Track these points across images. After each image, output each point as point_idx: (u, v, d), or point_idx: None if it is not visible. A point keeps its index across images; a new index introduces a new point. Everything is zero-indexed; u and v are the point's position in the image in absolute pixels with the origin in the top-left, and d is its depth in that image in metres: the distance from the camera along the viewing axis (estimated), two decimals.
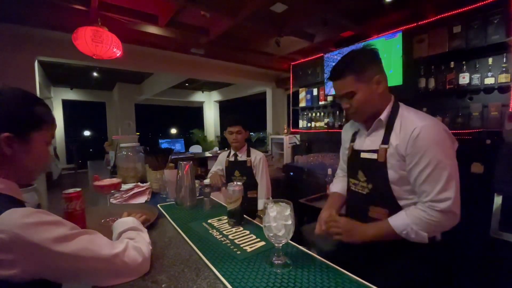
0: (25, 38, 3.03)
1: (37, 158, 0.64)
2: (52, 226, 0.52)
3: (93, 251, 0.56)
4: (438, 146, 0.83)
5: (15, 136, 0.58)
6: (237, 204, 0.97)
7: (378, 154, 0.92)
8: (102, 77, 5.99)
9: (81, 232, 0.57)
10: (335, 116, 3.50)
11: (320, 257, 0.77)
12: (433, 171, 0.81)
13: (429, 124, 0.84)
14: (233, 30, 3.00)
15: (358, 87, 0.91)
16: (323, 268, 0.71)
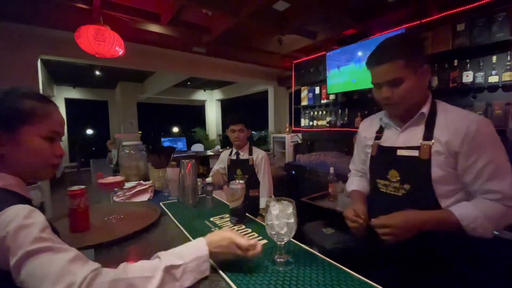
0: (28, 37, 3.04)
1: (33, 154, 0.61)
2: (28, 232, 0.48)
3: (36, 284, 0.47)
4: (496, 141, 0.79)
5: (2, 132, 0.57)
6: (239, 203, 0.97)
7: (421, 151, 0.84)
8: (104, 75, 6.02)
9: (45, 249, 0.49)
10: (337, 114, 3.49)
11: (322, 255, 0.77)
12: (498, 167, 0.77)
13: (483, 119, 0.80)
14: (235, 29, 2.99)
15: (407, 74, 0.81)
16: (325, 266, 0.71)
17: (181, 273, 0.58)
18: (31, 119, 0.61)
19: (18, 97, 0.60)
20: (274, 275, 0.66)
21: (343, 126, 3.41)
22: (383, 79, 0.85)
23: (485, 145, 0.78)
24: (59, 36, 3.08)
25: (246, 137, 2.02)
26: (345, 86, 3.23)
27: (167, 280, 0.56)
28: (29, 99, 0.61)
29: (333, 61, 3.32)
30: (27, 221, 0.50)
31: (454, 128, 0.81)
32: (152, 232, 0.95)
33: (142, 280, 0.53)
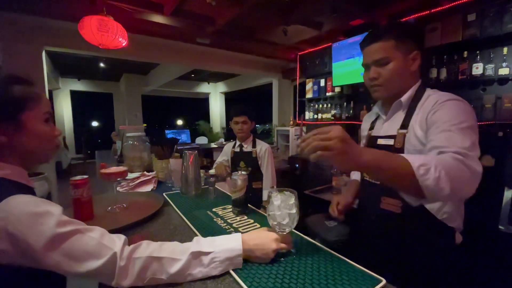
0: (32, 28, 3.04)
1: (37, 138, 0.61)
2: (45, 220, 0.49)
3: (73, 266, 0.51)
4: (464, 113, 0.72)
5: (4, 123, 0.56)
6: (241, 193, 0.97)
7: (395, 140, 0.84)
8: (108, 68, 6.02)
9: (73, 232, 0.52)
10: (342, 107, 3.44)
11: (323, 246, 0.77)
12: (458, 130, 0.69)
13: (457, 98, 0.77)
14: (240, 19, 2.95)
15: (395, 55, 0.83)
16: (327, 257, 0.70)
17: (209, 261, 0.60)
18: (28, 104, 0.60)
19: (7, 84, 0.59)
20: (275, 266, 0.66)
21: (348, 119, 3.37)
22: (372, 58, 0.87)
23: (448, 114, 0.73)
24: (63, 27, 3.08)
25: (249, 129, 2.01)
26: (351, 78, 3.17)
27: (193, 264, 0.59)
28: (17, 84, 0.60)
29: (339, 52, 3.26)
30: (39, 209, 0.50)
31: (425, 108, 0.81)
32: (155, 222, 0.96)
33: (170, 260, 0.57)
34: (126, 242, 0.58)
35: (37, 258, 0.49)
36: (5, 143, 0.57)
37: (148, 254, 0.56)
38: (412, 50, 0.85)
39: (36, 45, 3.17)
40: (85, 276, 0.52)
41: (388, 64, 0.84)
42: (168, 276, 0.57)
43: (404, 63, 0.84)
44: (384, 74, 0.85)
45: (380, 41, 0.85)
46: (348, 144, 0.59)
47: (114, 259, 0.52)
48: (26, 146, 0.60)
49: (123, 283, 0.54)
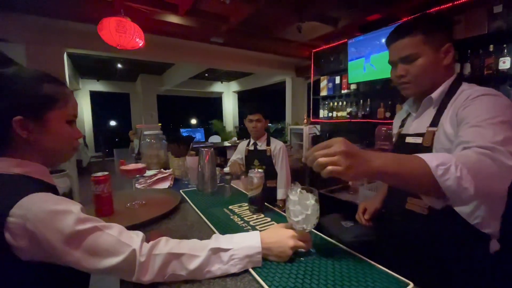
0: (54, 31, 3.17)
1: (58, 138, 0.61)
2: (65, 217, 0.50)
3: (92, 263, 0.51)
4: (499, 108, 0.65)
5: (28, 119, 0.56)
6: (258, 191, 0.96)
7: (424, 138, 0.79)
8: (125, 68, 6.19)
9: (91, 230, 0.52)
10: (358, 105, 3.36)
11: (346, 248, 0.74)
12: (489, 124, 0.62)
13: (492, 93, 0.69)
14: (253, 17, 2.93)
15: (424, 50, 0.77)
16: (350, 258, 0.68)
17: (228, 258, 0.59)
18: (56, 104, 0.60)
19: (39, 82, 0.59)
20: (295, 265, 0.64)
21: (364, 117, 3.28)
22: (399, 55, 0.82)
23: (481, 107, 0.67)
24: (83, 29, 3.18)
25: (263, 127, 2.00)
26: (367, 75, 3.09)
27: (212, 260, 0.59)
28: (48, 83, 0.60)
29: (355, 49, 3.18)
30: (58, 207, 0.51)
31: (457, 103, 0.74)
32: (173, 218, 0.97)
33: (189, 257, 0.57)
34: (144, 239, 0.58)
35: (57, 255, 0.49)
36: (27, 140, 0.57)
37: (167, 250, 0.56)
38: (443, 43, 0.78)
39: (58, 47, 3.30)
40: (105, 273, 0.52)
41: (417, 60, 0.79)
42: (187, 272, 0.57)
43: (434, 58, 0.78)
44: (412, 71, 0.80)
45: (407, 37, 0.79)
46: (353, 156, 0.53)
47: (133, 256, 0.53)
48: (46, 144, 0.60)
49: (143, 279, 0.54)
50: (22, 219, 0.47)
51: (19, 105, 0.56)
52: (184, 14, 2.81)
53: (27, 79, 0.58)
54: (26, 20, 2.92)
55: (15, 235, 0.47)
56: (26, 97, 0.57)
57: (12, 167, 0.55)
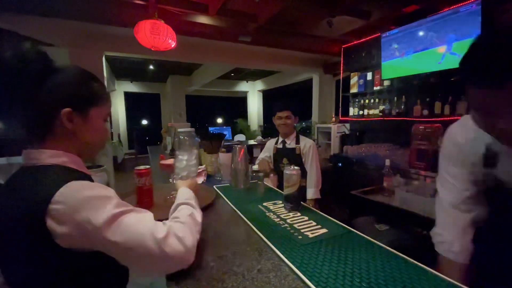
0: (94, 35, 3.40)
1: (96, 133, 0.65)
2: (104, 202, 0.52)
3: (138, 240, 0.51)
4: None
5: (75, 111, 0.60)
6: (294, 189, 0.94)
7: None
8: (157, 70, 6.47)
9: (128, 211, 0.54)
10: (392, 102, 3.18)
11: (388, 247, 0.69)
12: None
13: None
14: (282, 14, 2.90)
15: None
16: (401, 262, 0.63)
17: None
18: (98, 101, 0.65)
19: (88, 80, 0.64)
20: (341, 265, 0.61)
21: (399, 115, 3.10)
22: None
23: None
24: (119, 33, 3.38)
25: (293, 125, 1.97)
26: (403, 70, 2.91)
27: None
28: (96, 82, 0.65)
29: (389, 43, 3.01)
30: (96, 192, 0.53)
31: None
32: (209, 212, 0.98)
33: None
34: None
35: (98, 238, 0.50)
36: (70, 132, 0.60)
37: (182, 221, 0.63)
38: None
39: (98, 50, 3.53)
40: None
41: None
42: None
43: None
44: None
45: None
46: None
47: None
48: (86, 138, 0.63)
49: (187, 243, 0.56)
50: (63, 205, 0.49)
51: (69, 98, 0.59)
52: (214, 14, 2.85)
53: (78, 76, 0.63)
54: (70, 25, 3.16)
55: (57, 221, 0.49)
56: (76, 92, 0.61)
57: (50, 157, 0.58)
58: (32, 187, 0.52)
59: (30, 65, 0.55)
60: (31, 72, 0.56)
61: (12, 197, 0.54)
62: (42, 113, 0.58)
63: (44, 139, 0.60)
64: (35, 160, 0.57)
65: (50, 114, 0.58)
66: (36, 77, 0.56)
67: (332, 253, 0.66)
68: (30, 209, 0.50)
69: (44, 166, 0.57)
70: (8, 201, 0.55)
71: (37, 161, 0.57)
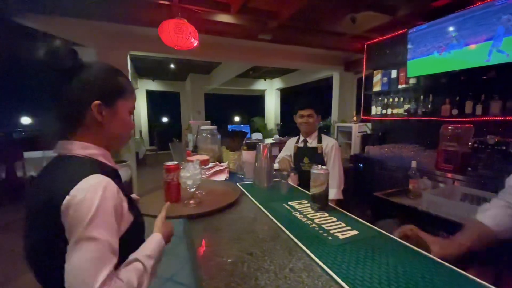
0: (120, 35, 3.52)
1: (123, 126, 0.67)
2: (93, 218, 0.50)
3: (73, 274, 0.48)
4: None
5: (104, 104, 0.62)
6: (321, 189, 0.92)
7: None
8: (177, 68, 6.62)
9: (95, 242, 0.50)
10: (418, 101, 3.04)
11: (424, 252, 0.67)
12: None
13: None
14: (304, 10, 2.85)
15: None
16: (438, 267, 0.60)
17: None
18: (124, 94, 0.67)
19: (115, 74, 0.67)
20: (375, 267, 0.59)
21: (425, 115, 2.96)
22: None
23: None
24: (143, 33, 3.48)
25: (315, 124, 1.93)
26: (430, 67, 2.77)
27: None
28: (122, 77, 0.68)
29: (416, 39, 2.87)
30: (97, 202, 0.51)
31: None
32: (234, 210, 0.99)
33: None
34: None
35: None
36: (99, 124, 0.62)
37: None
38: None
39: (123, 49, 3.66)
40: None
41: None
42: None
43: None
44: None
45: None
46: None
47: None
48: (113, 131, 0.65)
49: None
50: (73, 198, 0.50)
51: (98, 91, 0.62)
52: (235, 13, 2.86)
53: (106, 71, 0.66)
54: (97, 26, 3.29)
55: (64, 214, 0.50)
56: (105, 85, 0.63)
57: (80, 149, 0.60)
58: (57, 177, 0.55)
59: (62, 61, 0.58)
60: (63, 67, 0.59)
61: (41, 185, 0.58)
62: (74, 106, 0.61)
63: (75, 131, 0.62)
64: (66, 150, 0.60)
65: (81, 107, 0.60)
66: (68, 72, 0.59)
67: (365, 256, 0.65)
68: (50, 198, 0.51)
69: (73, 157, 0.59)
70: (37, 188, 0.58)
71: (68, 151, 0.60)
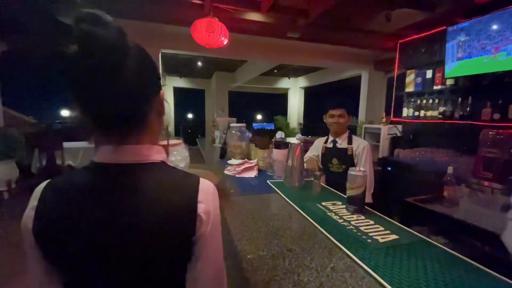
0: (152, 33, 3.66)
1: (163, 118, 0.54)
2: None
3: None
4: None
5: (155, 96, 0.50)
6: (359, 191, 0.91)
7: None
8: (204, 66, 6.78)
9: None
10: (455, 104, 2.85)
11: (473, 262, 0.64)
12: None
13: None
14: (335, 8, 2.79)
15: None
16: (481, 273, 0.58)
17: None
18: (160, 83, 0.53)
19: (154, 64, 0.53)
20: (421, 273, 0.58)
21: (463, 119, 2.77)
22: None
23: None
24: (175, 31, 3.59)
25: (346, 124, 1.89)
26: (472, 67, 2.59)
27: None
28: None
29: (456, 37, 2.70)
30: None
31: None
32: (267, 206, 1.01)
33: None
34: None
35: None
36: (159, 118, 0.52)
37: None
38: None
39: (155, 48, 3.81)
40: None
41: None
42: None
43: None
44: None
45: None
46: None
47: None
48: (161, 123, 0.53)
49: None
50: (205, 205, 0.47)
51: (158, 80, 0.51)
52: (265, 11, 2.87)
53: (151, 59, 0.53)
54: (131, 25, 3.42)
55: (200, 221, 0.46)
56: (157, 74, 0.52)
57: (156, 154, 0.50)
58: (175, 187, 0.48)
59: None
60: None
61: (147, 201, 0.46)
62: (142, 98, 0.47)
63: (141, 130, 0.49)
64: (142, 156, 0.48)
65: (147, 98, 0.48)
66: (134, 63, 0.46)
67: (409, 261, 0.64)
68: (180, 209, 0.46)
69: (159, 164, 0.49)
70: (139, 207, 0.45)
71: (145, 158, 0.48)
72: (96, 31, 0.41)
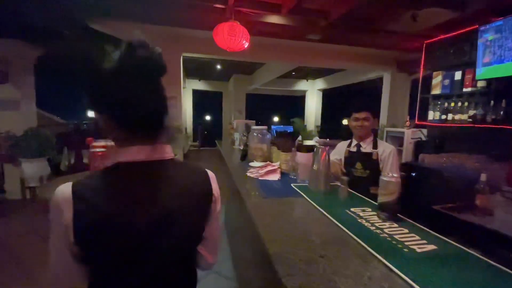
0: (173, 38, 3.76)
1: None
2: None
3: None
4: None
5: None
6: (392, 197, 0.88)
7: None
8: (223, 69, 6.88)
9: None
10: (487, 107, 2.70)
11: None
12: None
13: None
14: (357, 10, 2.74)
15: None
16: None
17: None
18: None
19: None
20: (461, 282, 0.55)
21: (495, 123, 2.61)
22: None
23: None
24: (196, 35, 3.68)
25: (370, 128, 1.84)
26: (507, 69, 2.44)
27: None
28: None
29: (488, 37, 2.55)
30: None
31: None
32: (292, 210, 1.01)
33: None
34: None
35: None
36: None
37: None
38: None
39: (177, 52, 3.91)
40: None
41: None
42: None
43: None
44: None
45: None
46: None
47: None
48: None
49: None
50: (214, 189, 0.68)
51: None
52: (286, 14, 2.87)
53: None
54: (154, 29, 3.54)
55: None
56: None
57: (171, 152, 0.61)
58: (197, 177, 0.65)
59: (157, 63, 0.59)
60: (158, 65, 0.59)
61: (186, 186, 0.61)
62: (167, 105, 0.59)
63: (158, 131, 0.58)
64: (167, 154, 0.60)
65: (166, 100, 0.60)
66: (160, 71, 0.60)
67: (449, 272, 0.60)
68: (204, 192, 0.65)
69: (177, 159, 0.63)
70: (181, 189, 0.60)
71: (168, 155, 0.60)
72: (151, 55, 0.58)
